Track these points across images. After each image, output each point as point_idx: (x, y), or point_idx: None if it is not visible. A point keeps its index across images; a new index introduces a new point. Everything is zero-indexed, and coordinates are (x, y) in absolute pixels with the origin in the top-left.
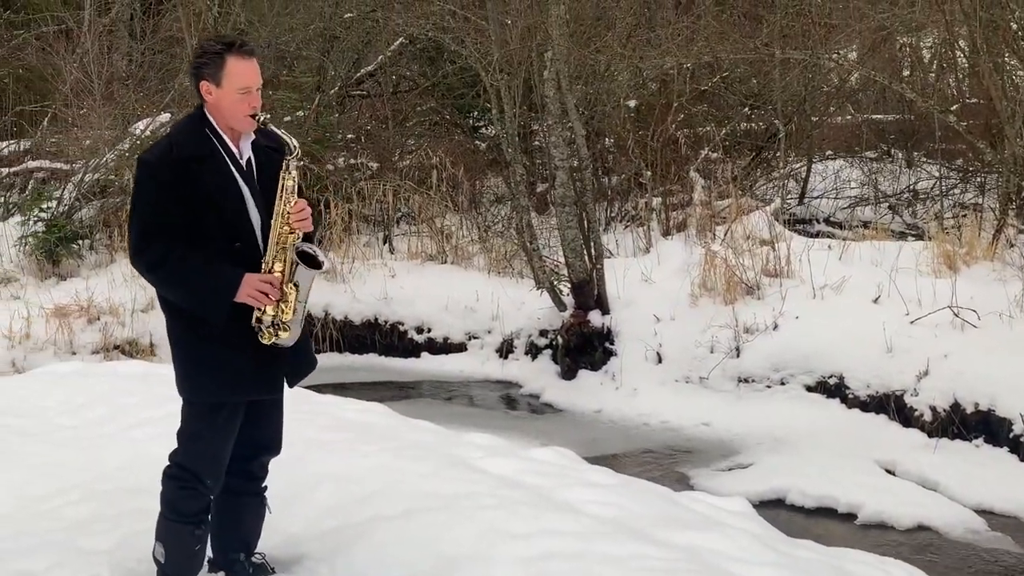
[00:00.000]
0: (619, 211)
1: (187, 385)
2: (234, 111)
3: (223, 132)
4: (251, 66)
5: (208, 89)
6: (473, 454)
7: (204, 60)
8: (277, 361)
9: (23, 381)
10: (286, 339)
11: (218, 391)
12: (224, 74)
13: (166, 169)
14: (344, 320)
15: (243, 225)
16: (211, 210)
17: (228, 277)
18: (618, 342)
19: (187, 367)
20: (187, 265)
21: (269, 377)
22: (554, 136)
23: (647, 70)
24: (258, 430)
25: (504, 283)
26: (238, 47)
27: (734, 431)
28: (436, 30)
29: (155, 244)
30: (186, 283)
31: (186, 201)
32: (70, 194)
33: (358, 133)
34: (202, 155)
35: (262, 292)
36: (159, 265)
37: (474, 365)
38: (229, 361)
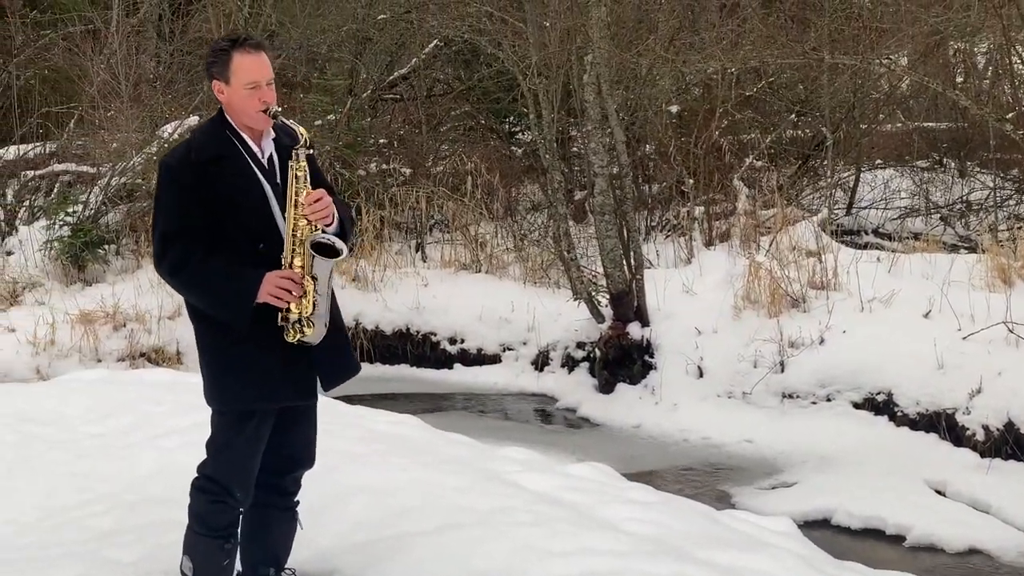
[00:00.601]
0: (660, 220)
1: (216, 393)
2: (245, 107)
3: (242, 132)
4: (258, 60)
5: (219, 88)
6: (508, 469)
7: (212, 59)
8: (309, 364)
9: (48, 388)
10: (311, 336)
11: (248, 398)
12: (231, 71)
13: (186, 172)
14: (375, 330)
15: (267, 226)
16: (233, 212)
17: (249, 278)
18: (658, 355)
19: (216, 374)
20: (208, 268)
21: (301, 381)
22: (593, 142)
23: (690, 74)
24: (290, 441)
25: (540, 293)
26: (242, 42)
27: (778, 448)
28: (472, 32)
29: (176, 248)
30: (207, 286)
31: (208, 204)
32: (96, 198)
33: (391, 138)
34: (222, 156)
35: (283, 289)
36: (180, 269)
37: (508, 377)
38: (259, 366)
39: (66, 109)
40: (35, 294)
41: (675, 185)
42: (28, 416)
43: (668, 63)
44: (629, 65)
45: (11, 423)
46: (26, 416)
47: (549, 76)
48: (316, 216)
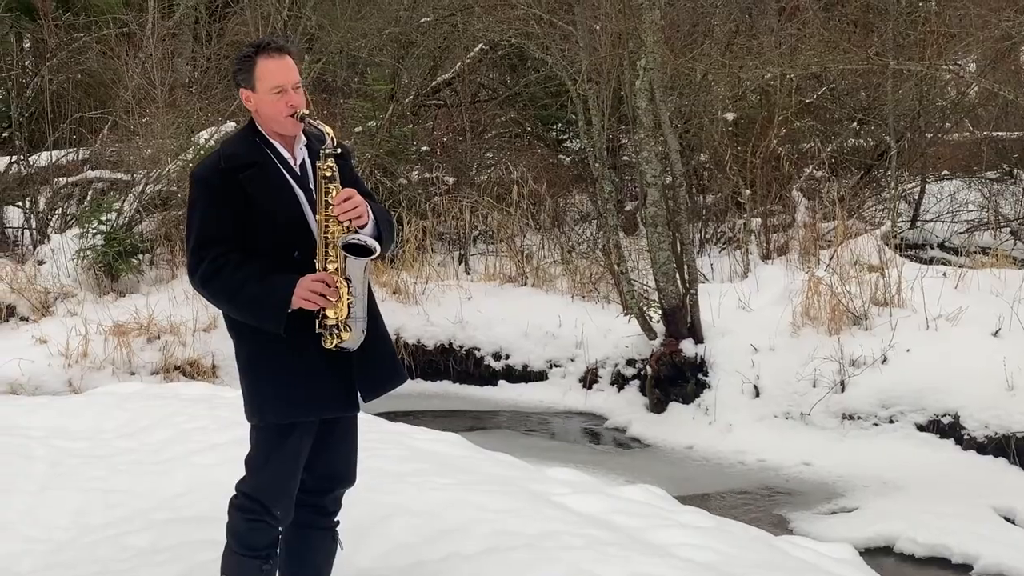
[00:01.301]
0: (715, 232)
1: (255, 407)
2: (273, 113)
3: (273, 139)
4: (282, 63)
5: (247, 96)
6: (556, 490)
7: (238, 67)
8: (350, 374)
9: (81, 402)
10: (349, 341)
11: (288, 411)
12: (256, 77)
13: (217, 181)
14: (417, 344)
15: (301, 234)
16: (266, 220)
17: (283, 283)
18: (712, 373)
19: (254, 387)
20: (241, 276)
21: (342, 392)
22: (646, 151)
23: (747, 81)
24: (331, 459)
25: (589, 308)
26: (265, 46)
27: (838, 472)
28: (519, 36)
29: (209, 258)
30: (240, 294)
31: (240, 213)
32: (130, 206)
33: (433, 145)
34: (253, 164)
35: (316, 293)
36: (213, 277)
37: (555, 395)
38: (298, 377)
39: (100, 114)
40: (67, 304)
41: (731, 196)
42: (60, 431)
43: (724, 68)
44: (683, 70)
45: (43, 437)
46: (58, 431)
47: (599, 82)
48: (347, 215)
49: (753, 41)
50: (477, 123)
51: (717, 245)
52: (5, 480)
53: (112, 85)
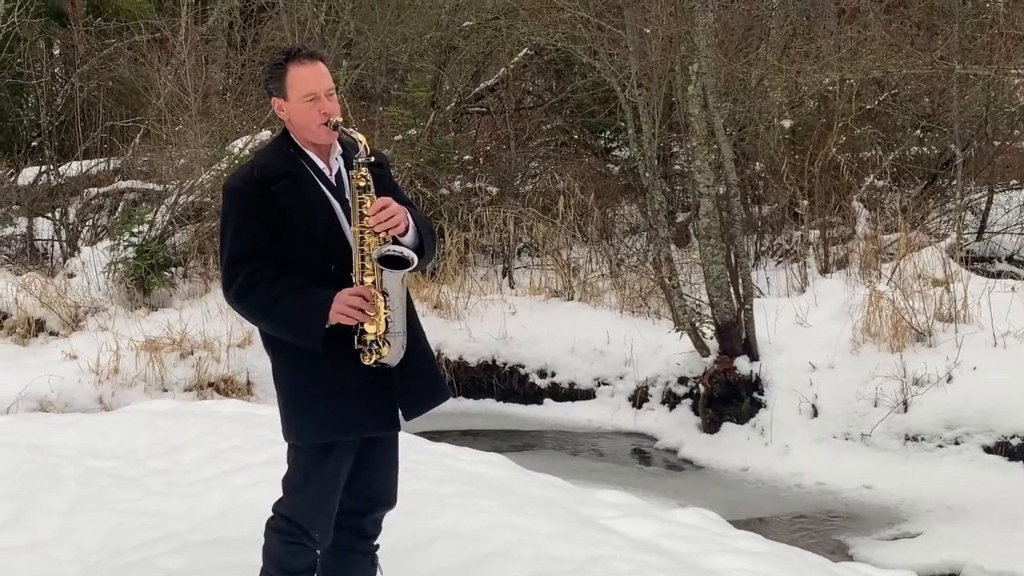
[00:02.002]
0: (771, 245)
1: (293, 426)
2: (306, 122)
3: (308, 149)
4: (315, 70)
5: (279, 105)
6: (604, 513)
7: (269, 75)
8: (391, 391)
9: (112, 419)
10: (389, 356)
11: (328, 430)
12: (288, 85)
13: (250, 193)
14: (459, 361)
15: (337, 246)
16: (301, 233)
17: (319, 298)
18: (768, 392)
19: (292, 406)
20: (276, 291)
21: (384, 410)
22: (698, 159)
23: (805, 86)
24: (371, 480)
25: (639, 323)
26: (297, 52)
27: (900, 496)
28: (566, 40)
29: (243, 273)
30: (276, 310)
31: (274, 225)
32: (163, 217)
33: (476, 154)
34: (287, 175)
35: (353, 307)
36: (248, 293)
37: (603, 414)
38: (338, 395)
39: (131, 123)
40: (98, 319)
41: (788, 207)
42: (91, 449)
43: (781, 73)
44: (738, 75)
45: (73, 456)
46: (89, 449)
47: (650, 87)
48: (383, 226)
49: (811, 44)
50: (522, 131)
51: (773, 258)
52: (34, 500)
53: (144, 92)
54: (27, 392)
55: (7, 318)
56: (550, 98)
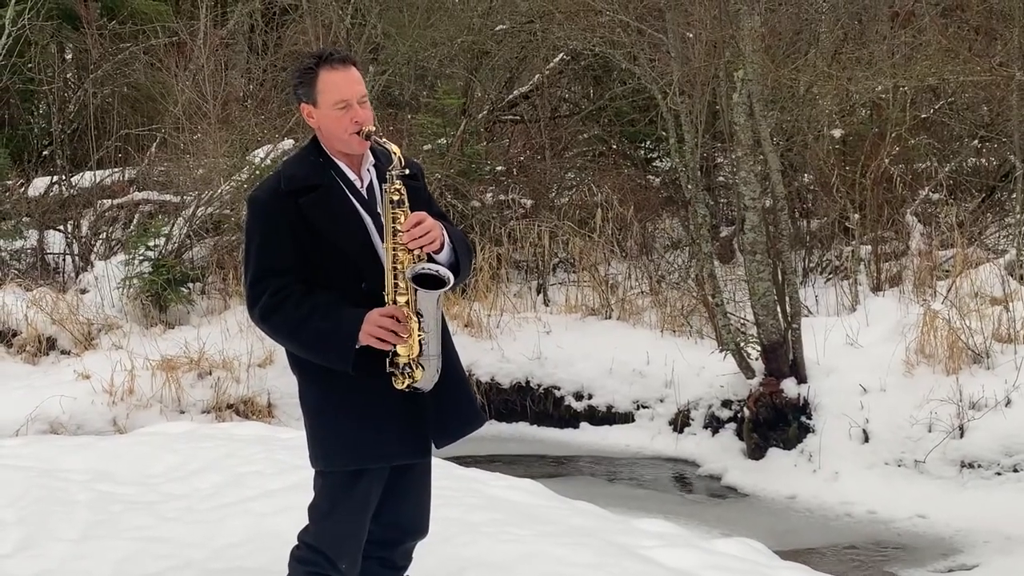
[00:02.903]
0: (820, 261)
1: (321, 452)
2: (336, 130)
3: (338, 159)
4: (347, 76)
5: (308, 112)
6: (644, 543)
7: (298, 80)
8: (423, 417)
9: (126, 442)
10: (422, 381)
11: (358, 456)
12: (318, 90)
13: (277, 205)
14: (491, 383)
15: (369, 263)
16: (330, 249)
17: (349, 318)
18: (816, 416)
19: (320, 430)
20: (304, 310)
21: (416, 436)
22: (744, 170)
23: (856, 93)
24: (402, 508)
25: (680, 343)
26: (328, 57)
27: (955, 526)
28: (604, 44)
29: (269, 290)
30: (303, 330)
31: (302, 241)
32: (180, 230)
33: (509, 164)
34: (316, 186)
35: (386, 329)
36: (274, 312)
37: (643, 439)
38: (368, 419)
39: (147, 131)
40: (112, 337)
41: (838, 221)
42: (105, 473)
43: (831, 80)
44: (786, 82)
45: (86, 481)
46: (102, 473)
47: (693, 95)
48: (417, 243)
49: (863, 50)
50: (557, 140)
51: (822, 275)
52: (44, 527)
53: (161, 99)
54: (37, 413)
55: (17, 336)
56: (587, 106)
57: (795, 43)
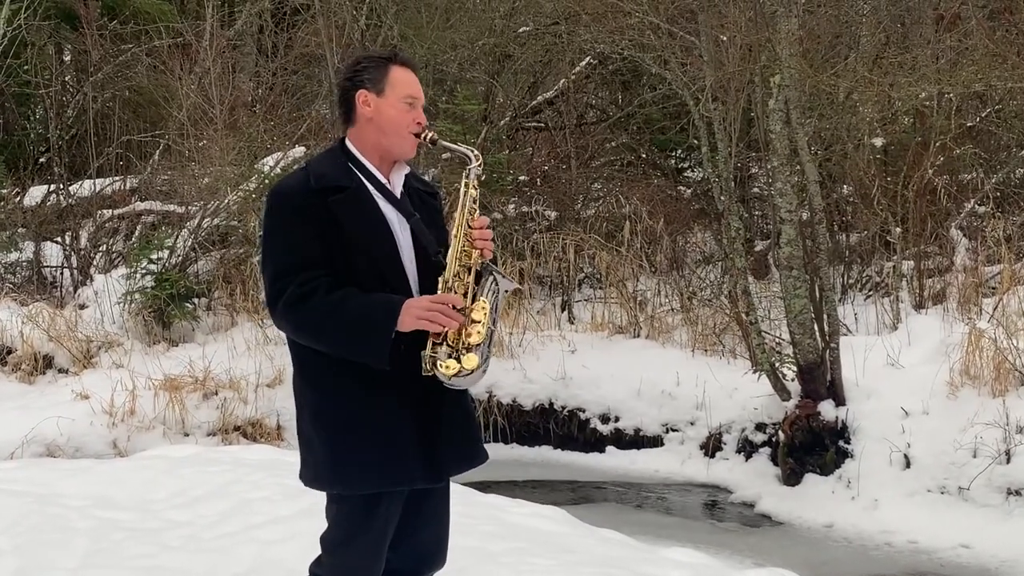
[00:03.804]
0: (859, 277)
1: (335, 473)
2: (397, 124)
3: (369, 164)
4: (416, 79)
5: (366, 99)
6: (672, 573)
7: (362, 67)
8: (438, 439)
9: (127, 466)
10: (470, 368)
11: (377, 477)
12: (388, 82)
13: (306, 200)
14: (512, 404)
15: (395, 271)
16: (359, 253)
17: (386, 301)
18: (855, 441)
19: (336, 449)
20: (335, 296)
21: (434, 458)
22: (780, 181)
23: (899, 100)
24: (420, 537)
25: (712, 364)
26: (400, 57)
27: (1001, 557)
28: (633, 48)
29: (297, 280)
30: (335, 316)
31: (329, 239)
32: (184, 242)
33: (533, 174)
34: (345, 187)
35: (438, 312)
36: (301, 300)
37: (672, 464)
38: (389, 437)
39: (150, 137)
40: (112, 355)
41: (878, 235)
42: (104, 499)
43: (872, 86)
44: (824, 88)
45: (84, 507)
46: (102, 499)
47: (726, 101)
48: (485, 244)
49: (906, 54)
50: (583, 149)
51: (862, 291)
52: (40, 556)
53: (164, 104)
54: (33, 436)
55: (11, 353)
56: (615, 112)
57: (834, 47)
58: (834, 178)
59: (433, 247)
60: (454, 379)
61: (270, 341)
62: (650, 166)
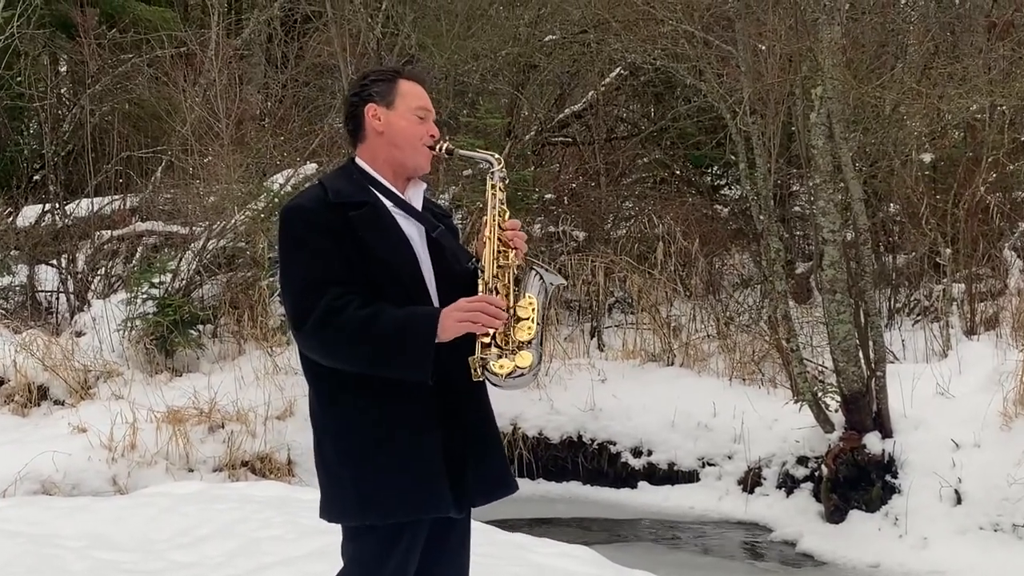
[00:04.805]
0: (907, 301)
1: (359, 503)
2: (410, 137)
3: (384, 180)
4: (425, 92)
5: (376, 112)
6: None
7: (370, 81)
8: (464, 466)
9: (127, 504)
10: (526, 365)
11: (405, 505)
12: (398, 94)
13: (326, 216)
14: (538, 437)
15: (419, 289)
16: (382, 266)
17: (424, 311)
18: (903, 475)
19: (357, 476)
20: (370, 309)
21: (465, 483)
22: (822, 199)
23: (948, 113)
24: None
25: (750, 393)
26: (408, 71)
27: None
28: (666, 57)
29: (327, 296)
30: (372, 329)
31: (350, 256)
32: (189, 265)
33: (560, 192)
34: (363, 203)
35: (479, 311)
36: (334, 315)
37: (709, 500)
38: (414, 462)
39: (152, 153)
40: (111, 385)
41: (927, 256)
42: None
43: (920, 98)
44: (869, 101)
45: (82, 548)
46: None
47: (765, 114)
48: (520, 243)
49: (956, 64)
50: (614, 165)
51: (910, 316)
52: None
53: (167, 117)
54: (27, 472)
55: (4, 384)
56: (647, 126)
57: (880, 57)
58: (880, 196)
59: (465, 257)
60: (508, 380)
61: (280, 370)
62: (684, 183)
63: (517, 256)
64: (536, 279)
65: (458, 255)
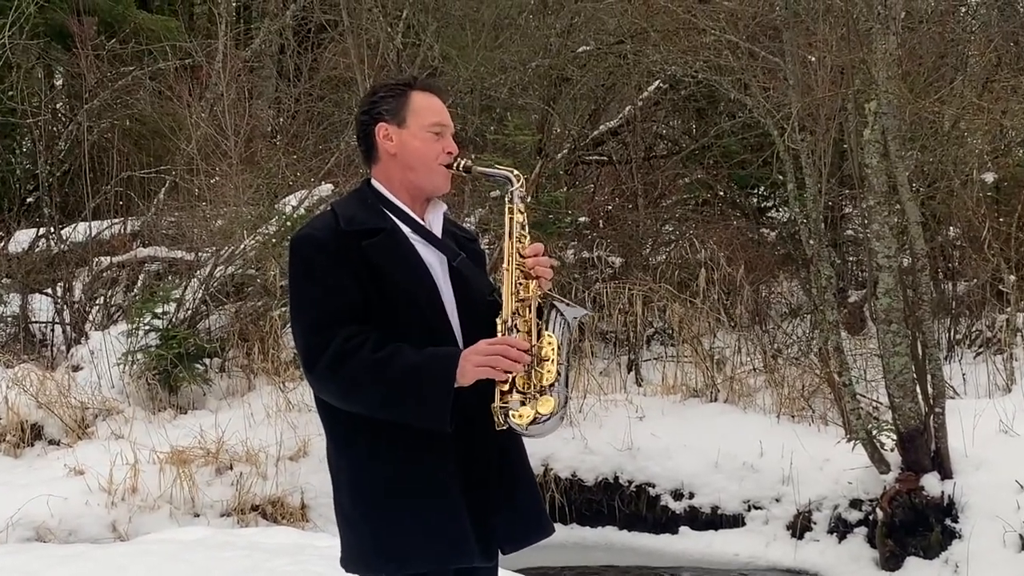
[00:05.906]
0: (968, 332)
1: (373, 554)
2: (424, 157)
3: (401, 203)
4: (440, 103)
5: (387, 132)
6: None
7: (382, 96)
8: (488, 514)
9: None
10: (547, 412)
11: (420, 557)
12: (409, 110)
13: (339, 245)
14: (572, 479)
15: (440, 320)
16: (400, 297)
17: (443, 354)
18: (964, 519)
19: (376, 524)
20: (386, 351)
21: (486, 534)
22: (877, 222)
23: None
24: None
25: (800, 431)
26: (419, 80)
27: None
28: (709, 70)
29: (340, 336)
30: (388, 371)
31: (366, 287)
32: (194, 294)
33: (595, 215)
34: (379, 229)
35: (499, 356)
36: (348, 356)
37: (756, 546)
38: (435, 510)
39: (154, 174)
40: (111, 424)
41: (990, 283)
42: None
43: (982, 113)
44: (927, 116)
45: None
46: None
47: (815, 131)
48: (540, 272)
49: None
50: (652, 186)
51: (971, 348)
52: None
53: (171, 135)
54: (20, 517)
55: None
56: (688, 144)
57: (939, 69)
58: (939, 219)
59: (487, 287)
60: (531, 428)
61: (293, 407)
62: (729, 205)
63: (540, 286)
64: (555, 315)
65: (480, 285)
